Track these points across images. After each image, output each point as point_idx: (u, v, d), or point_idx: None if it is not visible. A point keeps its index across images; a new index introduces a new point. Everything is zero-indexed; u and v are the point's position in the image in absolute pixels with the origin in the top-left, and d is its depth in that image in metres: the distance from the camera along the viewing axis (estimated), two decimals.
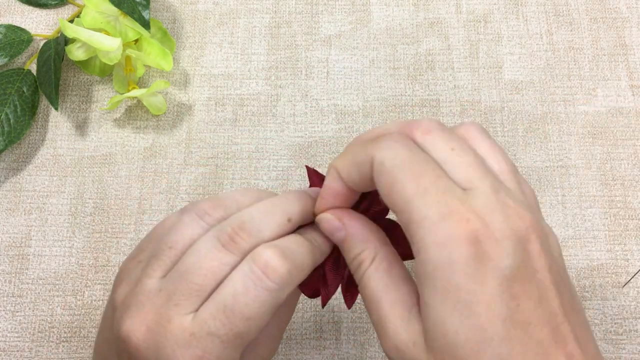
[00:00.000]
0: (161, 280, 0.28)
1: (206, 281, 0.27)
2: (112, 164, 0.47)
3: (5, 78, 0.47)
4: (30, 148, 0.47)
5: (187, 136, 0.48)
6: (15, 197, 0.46)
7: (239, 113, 0.48)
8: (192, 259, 0.28)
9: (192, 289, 0.27)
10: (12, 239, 0.45)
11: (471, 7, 0.52)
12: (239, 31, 0.51)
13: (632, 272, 0.44)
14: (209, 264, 0.27)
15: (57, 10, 0.51)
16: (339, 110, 0.48)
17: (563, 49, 0.50)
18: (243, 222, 0.28)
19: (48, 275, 0.44)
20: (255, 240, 0.28)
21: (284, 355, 0.42)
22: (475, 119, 0.48)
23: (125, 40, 0.46)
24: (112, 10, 0.46)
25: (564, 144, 0.47)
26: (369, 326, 0.43)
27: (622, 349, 0.42)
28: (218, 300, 0.27)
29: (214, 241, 0.28)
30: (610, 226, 0.45)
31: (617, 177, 0.46)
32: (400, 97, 0.49)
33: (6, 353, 0.42)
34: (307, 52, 0.50)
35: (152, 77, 0.50)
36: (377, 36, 0.51)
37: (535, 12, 0.51)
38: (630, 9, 0.51)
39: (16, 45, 0.48)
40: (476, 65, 0.50)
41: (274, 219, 0.29)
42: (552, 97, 0.49)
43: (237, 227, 0.28)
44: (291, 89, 0.49)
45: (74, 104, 0.49)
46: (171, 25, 0.51)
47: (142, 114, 0.48)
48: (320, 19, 0.51)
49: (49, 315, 0.43)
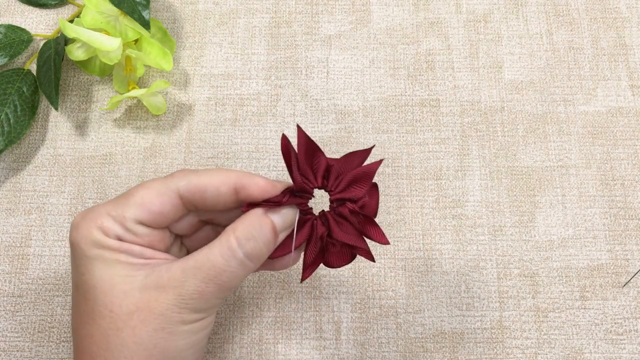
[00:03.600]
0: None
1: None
2: (112, 164, 0.47)
3: (5, 78, 0.47)
4: (30, 148, 0.47)
5: (187, 136, 0.48)
6: (15, 197, 0.46)
7: (239, 113, 0.48)
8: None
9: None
10: (12, 239, 0.45)
11: (471, 7, 0.52)
12: (239, 31, 0.51)
13: (632, 272, 0.44)
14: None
15: (57, 10, 0.51)
16: (339, 110, 0.48)
17: (563, 49, 0.50)
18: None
19: (48, 275, 0.44)
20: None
21: (284, 356, 0.42)
22: (475, 119, 0.48)
23: (125, 40, 0.46)
24: (112, 10, 0.46)
25: (564, 144, 0.47)
26: (369, 326, 0.43)
27: (622, 349, 0.42)
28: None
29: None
30: (610, 226, 0.45)
31: (617, 177, 0.47)
32: (400, 97, 0.49)
33: (6, 353, 0.42)
34: (307, 52, 0.50)
35: (152, 77, 0.50)
36: (377, 36, 0.51)
37: (535, 12, 0.51)
38: (630, 9, 0.51)
39: (16, 45, 0.48)
40: (476, 65, 0.50)
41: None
42: (552, 97, 0.49)
43: None
44: (291, 88, 0.49)
45: (74, 104, 0.49)
46: (171, 25, 0.51)
47: (142, 114, 0.48)
48: (320, 19, 0.51)
49: (49, 315, 0.43)
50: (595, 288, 0.44)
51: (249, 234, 0.31)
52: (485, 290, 0.44)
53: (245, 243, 0.31)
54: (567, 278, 0.44)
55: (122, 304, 0.30)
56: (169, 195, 0.32)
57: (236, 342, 0.43)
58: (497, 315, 0.43)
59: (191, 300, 0.30)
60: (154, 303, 0.30)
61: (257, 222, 0.31)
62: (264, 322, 0.43)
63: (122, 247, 0.31)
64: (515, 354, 0.42)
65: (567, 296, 0.43)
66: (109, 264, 0.31)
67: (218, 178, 0.32)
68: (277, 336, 0.43)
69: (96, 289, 0.31)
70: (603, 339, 0.43)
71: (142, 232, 0.32)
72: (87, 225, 0.31)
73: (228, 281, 0.31)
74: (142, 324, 0.30)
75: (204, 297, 0.30)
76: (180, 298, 0.30)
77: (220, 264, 0.30)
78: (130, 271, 0.31)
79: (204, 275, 0.30)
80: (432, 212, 0.46)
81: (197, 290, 0.30)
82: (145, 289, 0.30)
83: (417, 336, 0.43)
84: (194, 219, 0.35)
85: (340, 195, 0.33)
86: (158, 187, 0.32)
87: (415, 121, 0.48)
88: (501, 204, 0.46)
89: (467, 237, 0.45)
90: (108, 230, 0.31)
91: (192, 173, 0.32)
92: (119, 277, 0.30)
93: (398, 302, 0.44)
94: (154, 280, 0.31)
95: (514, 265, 0.44)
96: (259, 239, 0.31)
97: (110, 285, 0.30)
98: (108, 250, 0.31)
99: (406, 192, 0.46)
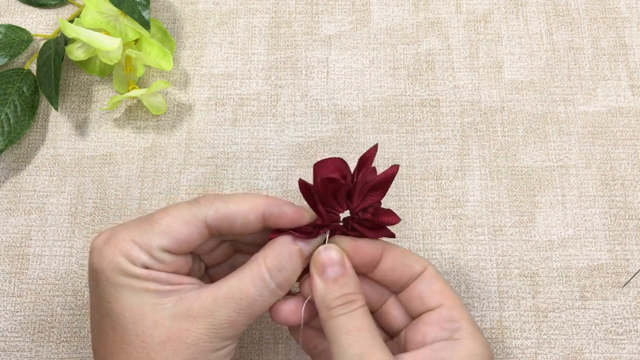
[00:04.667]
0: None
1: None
2: (112, 164, 0.47)
3: (5, 78, 0.47)
4: (30, 148, 0.47)
5: (187, 136, 0.48)
6: (15, 197, 0.46)
7: (239, 113, 0.48)
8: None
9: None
10: (12, 239, 0.45)
11: (471, 7, 0.52)
12: (239, 31, 0.51)
13: (632, 272, 0.44)
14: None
15: (57, 10, 0.51)
16: (339, 110, 0.48)
17: (563, 49, 0.50)
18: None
19: (48, 275, 0.44)
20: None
21: (284, 355, 0.42)
22: (475, 119, 0.48)
23: (125, 40, 0.46)
24: (112, 10, 0.46)
25: (563, 144, 0.47)
26: None
27: (622, 349, 0.42)
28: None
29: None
30: (610, 226, 0.45)
31: (617, 177, 0.47)
32: (400, 97, 0.49)
33: (6, 353, 0.42)
34: (307, 52, 0.50)
35: (152, 77, 0.50)
36: (377, 36, 0.51)
37: (535, 12, 0.51)
38: (630, 9, 0.51)
39: (16, 45, 0.48)
40: (476, 65, 0.50)
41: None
42: (552, 97, 0.49)
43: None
44: (291, 88, 0.49)
45: (74, 104, 0.49)
46: (171, 25, 0.51)
47: (142, 114, 0.48)
48: (320, 19, 0.51)
49: (49, 315, 0.43)
50: (595, 288, 0.44)
51: (280, 265, 0.31)
52: (485, 290, 0.44)
53: (277, 274, 0.31)
54: (567, 278, 0.44)
55: (154, 335, 0.30)
56: (196, 224, 0.32)
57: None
58: (497, 315, 0.43)
59: (222, 330, 0.30)
60: (185, 333, 0.30)
61: (287, 251, 0.31)
62: (264, 322, 0.43)
63: (150, 276, 0.31)
64: (515, 354, 0.42)
65: (567, 296, 0.43)
66: (137, 293, 0.30)
67: (246, 206, 0.32)
68: (277, 336, 0.43)
69: (125, 318, 0.30)
70: (603, 339, 0.43)
71: (168, 259, 0.31)
72: (112, 251, 0.31)
73: (259, 309, 0.31)
74: (174, 354, 0.30)
75: (235, 325, 0.31)
76: (212, 328, 0.30)
77: (253, 294, 0.30)
78: (159, 299, 0.30)
79: (236, 305, 0.30)
80: (432, 212, 0.46)
81: (228, 320, 0.30)
82: (175, 318, 0.30)
83: None
84: (215, 241, 0.35)
85: (362, 206, 0.33)
86: (184, 215, 0.31)
87: (415, 121, 0.48)
88: (501, 204, 0.46)
89: (467, 237, 0.45)
90: (135, 259, 0.31)
91: (219, 199, 0.32)
92: (148, 305, 0.30)
93: None
94: (184, 309, 0.30)
95: (514, 265, 0.44)
96: (289, 269, 0.31)
97: (140, 314, 0.30)
98: (136, 279, 0.30)
99: (406, 192, 0.46)
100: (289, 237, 0.32)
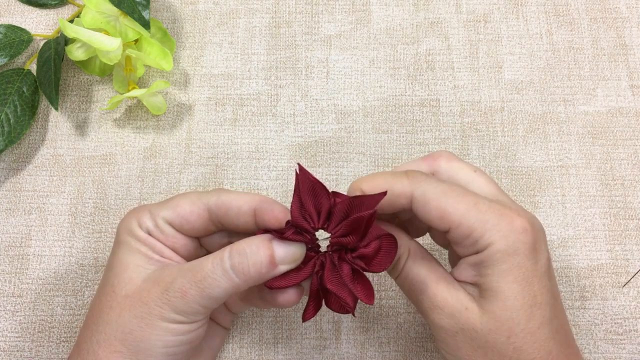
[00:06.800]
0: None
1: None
2: (112, 164, 0.47)
3: (5, 78, 0.47)
4: (30, 148, 0.47)
5: (187, 136, 0.48)
6: (15, 197, 0.46)
7: (239, 113, 0.48)
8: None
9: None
10: (12, 239, 0.45)
11: (471, 7, 0.52)
12: (239, 31, 0.51)
13: (632, 272, 0.44)
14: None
15: (57, 10, 0.51)
16: (339, 110, 0.48)
17: (563, 49, 0.50)
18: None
19: (48, 275, 0.44)
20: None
21: (284, 355, 0.42)
22: (475, 119, 0.48)
23: (125, 40, 0.46)
24: (112, 10, 0.46)
25: (564, 144, 0.47)
26: (369, 326, 0.43)
27: (622, 349, 0.42)
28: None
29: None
30: (610, 226, 0.45)
31: (617, 177, 0.47)
32: (400, 97, 0.49)
33: (6, 353, 0.42)
34: (307, 52, 0.50)
35: (152, 77, 0.50)
36: (377, 36, 0.51)
37: (535, 12, 0.51)
38: (630, 9, 0.51)
39: (16, 45, 0.48)
40: (476, 65, 0.50)
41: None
42: (552, 97, 0.49)
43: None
44: (291, 88, 0.49)
45: (74, 104, 0.49)
46: (171, 25, 0.51)
47: (142, 114, 0.48)
48: (320, 19, 0.51)
49: (49, 315, 0.43)
50: (595, 288, 0.44)
51: (242, 250, 0.32)
52: None
53: (235, 256, 0.32)
54: (567, 278, 0.44)
55: (124, 288, 0.33)
56: (199, 205, 0.35)
57: (236, 342, 0.43)
58: None
59: (174, 298, 0.32)
60: (145, 293, 0.33)
61: (256, 243, 0.32)
62: (264, 322, 0.43)
63: (147, 241, 0.34)
64: None
65: (567, 296, 0.43)
66: (131, 251, 0.34)
67: (243, 199, 0.34)
68: (277, 336, 0.43)
69: (112, 270, 0.34)
70: (603, 339, 0.43)
71: (169, 232, 0.35)
72: (130, 216, 0.35)
73: (209, 288, 0.32)
74: (128, 308, 0.32)
75: (186, 298, 0.32)
76: (165, 293, 0.32)
77: (207, 269, 0.32)
78: (144, 263, 0.34)
79: (192, 276, 0.32)
80: None
81: (181, 289, 0.32)
82: (147, 280, 0.33)
83: (417, 336, 0.43)
84: (223, 239, 0.37)
85: (336, 240, 0.32)
86: (192, 197, 0.35)
87: (415, 121, 0.48)
88: None
89: None
90: (142, 223, 0.35)
91: (225, 192, 0.35)
92: (133, 264, 0.34)
93: (398, 301, 0.44)
94: (156, 275, 0.33)
95: None
96: (249, 257, 0.32)
97: (124, 269, 0.34)
98: (135, 239, 0.34)
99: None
100: (268, 235, 0.33)
